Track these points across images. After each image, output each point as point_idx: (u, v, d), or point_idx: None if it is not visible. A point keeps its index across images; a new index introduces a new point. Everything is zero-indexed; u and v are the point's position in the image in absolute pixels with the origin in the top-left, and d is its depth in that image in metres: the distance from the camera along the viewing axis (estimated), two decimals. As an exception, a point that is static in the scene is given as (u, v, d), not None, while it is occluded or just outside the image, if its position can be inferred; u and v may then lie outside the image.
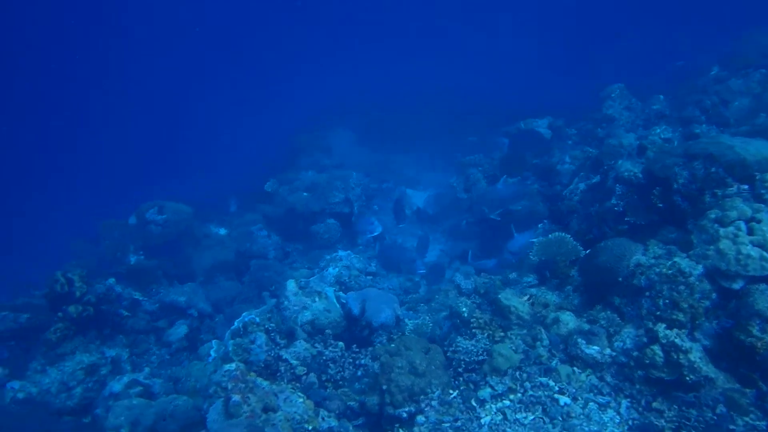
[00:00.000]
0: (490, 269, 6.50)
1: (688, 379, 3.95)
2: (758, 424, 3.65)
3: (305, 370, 5.09)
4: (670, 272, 4.43)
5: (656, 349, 4.15)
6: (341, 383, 5.10)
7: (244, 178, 13.20)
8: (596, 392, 4.34)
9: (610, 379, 4.41)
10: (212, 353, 5.92)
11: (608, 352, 4.50)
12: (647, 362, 4.16)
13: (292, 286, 5.87)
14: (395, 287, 7.24)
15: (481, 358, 4.63)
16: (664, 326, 4.22)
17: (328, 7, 28.11)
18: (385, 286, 7.11)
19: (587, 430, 3.93)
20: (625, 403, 4.19)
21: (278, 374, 5.02)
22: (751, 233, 4.33)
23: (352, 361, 5.23)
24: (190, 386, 5.56)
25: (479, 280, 5.93)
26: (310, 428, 4.37)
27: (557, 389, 4.36)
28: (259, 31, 29.29)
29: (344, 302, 5.86)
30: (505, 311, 4.89)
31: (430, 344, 4.78)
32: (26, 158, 23.27)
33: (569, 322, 4.80)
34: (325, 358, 5.22)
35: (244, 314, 5.87)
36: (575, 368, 4.53)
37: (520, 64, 17.14)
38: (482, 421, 4.18)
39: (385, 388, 4.40)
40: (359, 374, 5.11)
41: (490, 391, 4.45)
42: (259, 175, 11.46)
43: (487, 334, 4.77)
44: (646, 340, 4.34)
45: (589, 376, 4.48)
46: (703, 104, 8.10)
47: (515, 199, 6.99)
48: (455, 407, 4.34)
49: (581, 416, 4.08)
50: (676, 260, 4.51)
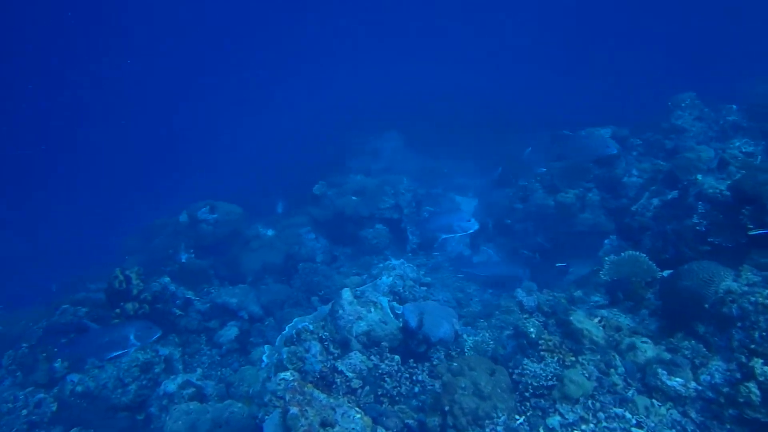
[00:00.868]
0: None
1: (789, 422, 3.57)
2: None
3: (361, 383, 4.92)
4: (767, 302, 4.04)
5: (752, 386, 3.78)
6: (397, 399, 4.90)
7: (288, 178, 13.28)
8: (679, 429, 3.99)
9: (695, 415, 4.04)
10: (265, 359, 5.84)
11: (693, 385, 4.14)
12: (741, 400, 3.79)
13: (347, 294, 5.72)
14: (449, 299, 7.00)
15: (550, 383, 4.34)
16: (761, 362, 3.84)
17: (378, 6, 28.12)
18: (439, 297, 6.88)
19: (672, 471, 3.62)
20: (712, 443, 3.84)
21: (334, 386, 4.86)
22: None
23: (408, 376, 5.02)
24: (243, 392, 5.51)
25: (542, 297, 5.61)
26: (367, 446, 4.21)
27: (634, 422, 4.04)
28: (303, 24, 29.49)
29: (400, 314, 5.67)
30: (577, 334, 4.58)
31: (494, 365, 4.53)
32: (84, 156, 24.30)
33: (647, 349, 4.45)
34: (381, 371, 5.02)
35: (296, 320, 5.78)
36: (654, 400, 4.18)
37: (573, 73, 16.60)
38: (553, 451, 3.93)
39: (447, 409, 4.20)
40: (416, 390, 4.91)
41: (559, 419, 4.18)
42: (303, 176, 11.46)
43: (557, 358, 4.47)
44: (739, 375, 3.96)
45: (670, 410, 4.13)
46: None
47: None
48: (522, 435, 4.09)
49: (662, 454, 3.76)
50: (774, 289, 4.10)
